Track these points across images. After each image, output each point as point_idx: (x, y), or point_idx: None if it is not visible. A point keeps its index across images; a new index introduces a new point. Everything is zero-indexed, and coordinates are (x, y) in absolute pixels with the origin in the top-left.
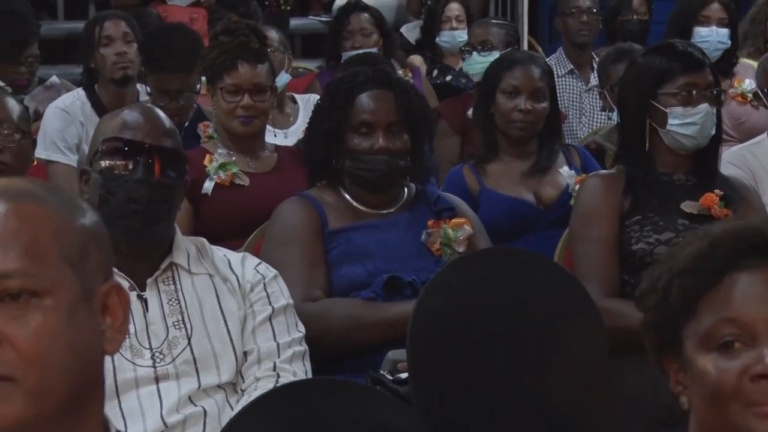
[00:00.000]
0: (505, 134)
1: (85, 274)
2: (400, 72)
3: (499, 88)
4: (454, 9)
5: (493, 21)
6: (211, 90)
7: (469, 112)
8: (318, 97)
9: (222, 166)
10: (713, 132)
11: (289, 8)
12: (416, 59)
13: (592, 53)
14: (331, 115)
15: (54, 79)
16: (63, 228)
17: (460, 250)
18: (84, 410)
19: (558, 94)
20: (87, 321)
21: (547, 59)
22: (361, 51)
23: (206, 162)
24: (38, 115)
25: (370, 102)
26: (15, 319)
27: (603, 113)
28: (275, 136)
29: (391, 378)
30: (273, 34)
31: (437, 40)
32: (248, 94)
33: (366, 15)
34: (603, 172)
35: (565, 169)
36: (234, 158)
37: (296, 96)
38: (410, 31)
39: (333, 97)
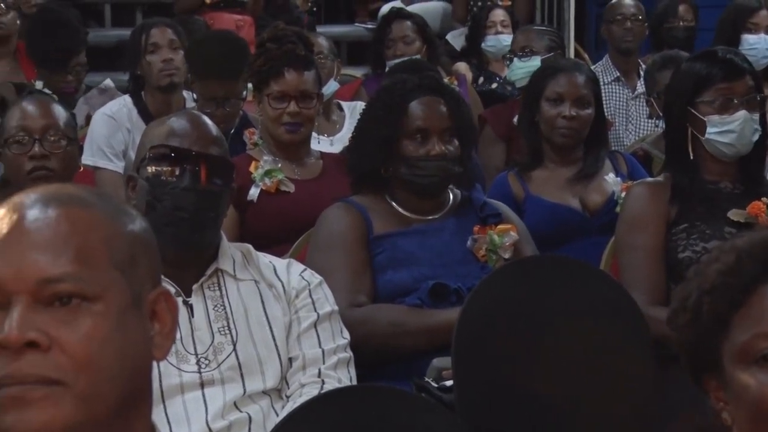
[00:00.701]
0: (550, 141)
1: (135, 280)
2: (445, 79)
3: (544, 95)
4: (499, 15)
5: (535, 27)
6: (258, 97)
7: (515, 119)
8: (364, 104)
9: (268, 173)
10: (755, 138)
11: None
12: (461, 66)
13: (639, 60)
14: (385, 123)
15: (108, 82)
16: (113, 233)
17: (506, 256)
18: (133, 415)
19: (604, 102)
20: (136, 327)
21: (593, 66)
22: (405, 58)
23: (252, 169)
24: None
25: (424, 108)
26: (66, 324)
27: (650, 120)
28: (319, 143)
29: (436, 385)
30: (323, 42)
31: (482, 45)
32: (294, 101)
33: (408, 23)
34: (649, 179)
35: (611, 176)
36: (280, 165)
37: (342, 103)
38: (456, 39)
39: (384, 104)
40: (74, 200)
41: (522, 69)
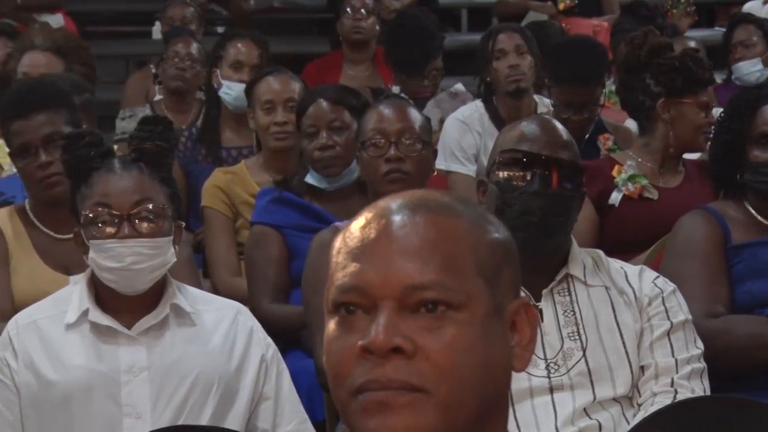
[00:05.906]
0: None
1: (497, 290)
2: None
3: None
4: None
5: None
6: (674, 104)
7: None
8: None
9: (631, 178)
10: None
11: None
12: None
13: None
14: (731, 128)
15: (459, 86)
16: (479, 242)
17: None
18: (490, 424)
19: None
20: (498, 337)
21: None
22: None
23: (614, 173)
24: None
25: None
26: (430, 331)
27: None
28: None
29: None
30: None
31: None
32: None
33: (752, 27)
34: None
35: None
36: (643, 171)
37: None
38: None
39: (734, 109)
40: (441, 208)
41: None
